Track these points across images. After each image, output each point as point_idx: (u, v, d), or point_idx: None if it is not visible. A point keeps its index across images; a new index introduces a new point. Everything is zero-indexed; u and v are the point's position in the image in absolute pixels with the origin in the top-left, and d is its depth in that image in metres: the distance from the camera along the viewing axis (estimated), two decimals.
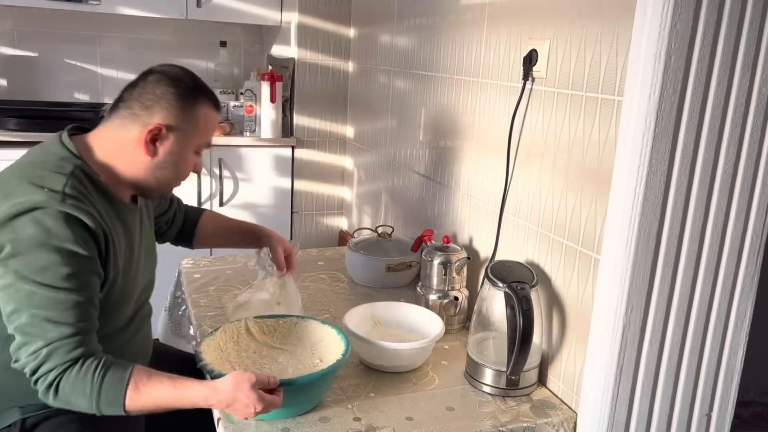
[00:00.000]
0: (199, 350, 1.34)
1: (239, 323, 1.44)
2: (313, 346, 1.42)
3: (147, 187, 1.32)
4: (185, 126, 1.26)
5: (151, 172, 1.28)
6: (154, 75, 1.27)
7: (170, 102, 1.24)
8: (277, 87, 2.79)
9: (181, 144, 1.27)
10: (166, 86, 1.25)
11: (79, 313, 1.16)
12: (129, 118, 1.25)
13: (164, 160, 1.27)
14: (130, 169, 1.28)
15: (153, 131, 1.24)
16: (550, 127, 1.46)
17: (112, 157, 1.27)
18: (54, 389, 1.14)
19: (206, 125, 1.30)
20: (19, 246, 1.12)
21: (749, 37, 1.16)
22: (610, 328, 1.26)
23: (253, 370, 1.33)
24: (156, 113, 1.24)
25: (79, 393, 1.14)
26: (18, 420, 1.26)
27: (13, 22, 3.02)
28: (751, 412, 2.61)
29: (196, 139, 1.30)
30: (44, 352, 1.13)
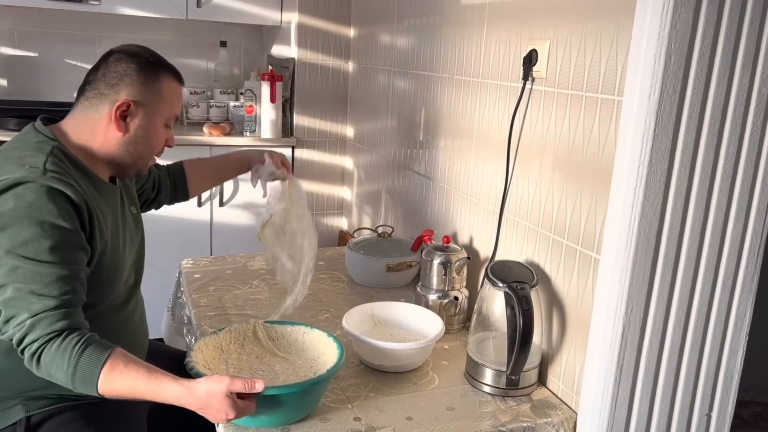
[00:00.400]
0: (194, 346, 1.34)
1: (248, 326, 1.43)
2: (313, 359, 1.39)
3: (123, 164, 1.35)
4: (151, 99, 1.32)
5: (125, 148, 1.32)
6: (114, 55, 1.32)
7: (133, 77, 1.29)
8: (277, 87, 2.79)
9: (150, 117, 1.32)
10: (127, 63, 1.30)
11: (63, 286, 1.16)
12: (97, 99, 1.29)
13: (136, 134, 1.32)
14: (104, 148, 1.31)
15: (121, 107, 1.28)
16: (550, 127, 1.46)
17: (87, 138, 1.31)
18: (36, 359, 1.15)
19: (171, 97, 1.35)
20: (2, 221, 1.15)
21: (749, 37, 1.16)
22: (610, 328, 1.26)
23: (249, 374, 1.32)
24: (122, 90, 1.29)
25: (57, 366, 1.14)
26: (23, 418, 1.27)
27: (13, 22, 3.02)
28: (751, 412, 2.61)
29: (164, 110, 1.35)
30: (28, 323, 1.14)
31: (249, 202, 2.93)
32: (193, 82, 3.30)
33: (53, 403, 1.29)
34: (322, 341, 1.40)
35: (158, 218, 1.61)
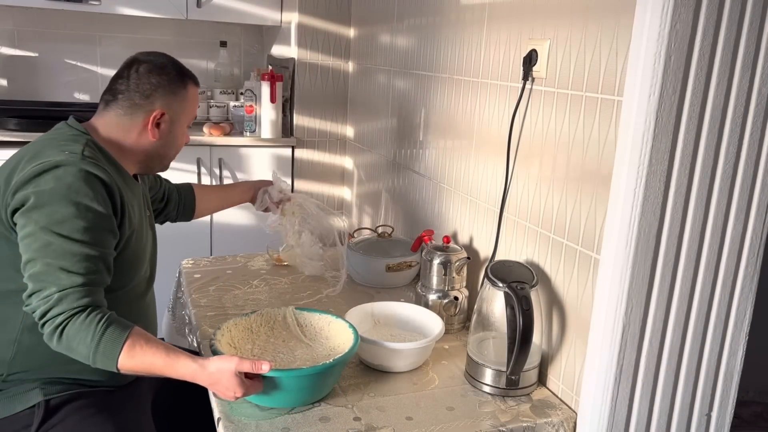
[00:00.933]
0: (222, 326, 1.41)
1: (279, 311, 1.50)
2: (333, 348, 1.43)
3: (151, 163, 1.48)
4: (180, 107, 1.45)
5: (155, 150, 1.45)
6: (144, 65, 1.42)
7: (166, 89, 1.41)
8: (277, 87, 2.80)
9: (178, 122, 1.46)
10: (159, 75, 1.41)
11: (91, 265, 1.23)
12: (131, 108, 1.40)
13: (166, 140, 1.45)
14: (135, 148, 1.43)
15: (156, 117, 1.40)
16: (550, 127, 1.46)
17: (118, 136, 1.41)
18: (59, 333, 1.19)
19: (194, 102, 1.49)
20: (41, 198, 1.22)
21: (749, 37, 1.16)
22: (610, 328, 1.26)
23: (271, 356, 1.41)
24: (156, 101, 1.40)
25: (80, 340, 1.19)
26: (41, 401, 1.32)
27: (13, 22, 3.02)
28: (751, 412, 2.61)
29: (189, 114, 1.49)
30: (55, 297, 1.19)
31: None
32: None
33: (69, 388, 1.35)
34: (344, 332, 1.43)
35: None
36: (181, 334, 1.91)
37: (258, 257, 2.15)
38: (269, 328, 1.48)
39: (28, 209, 1.22)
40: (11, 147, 2.58)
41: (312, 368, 1.27)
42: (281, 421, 1.26)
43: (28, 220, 1.22)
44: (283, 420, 1.26)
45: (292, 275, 2.00)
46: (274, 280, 1.96)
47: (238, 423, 1.25)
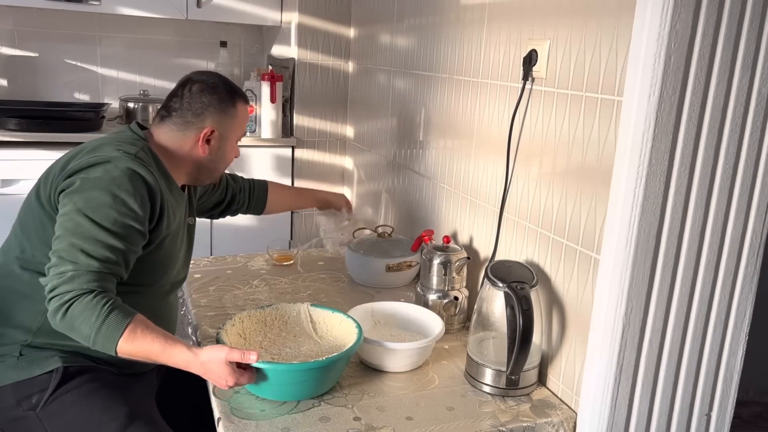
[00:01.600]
0: (234, 317, 1.45)
1: (294, 306, 1.54)
2: (338, 347, 1.43)
3: (201, 176, 1.55)
4: (229, 124, 1.52)
5: (206, 165, 1.53)
6: (196, 85, 1.49)
7: (216, 107, 1.48)
8: (277, 87, 2.79)
9: (228, 139, 1.53)
10: (210, 95, 1.48)
11: (112, 256, 1.28)
12: (184, 126, 1.48)
13: (216, 156, 1.52)
14: (187, 162, 1.50)
15: (207, 134, 1.48)
16: (550, 127, 1.46)
17: (172, 150, 1.49)
18: (65, 309, 1.23)
19: (243, 120, 1.56)
20: (85, 184, 1.30)
21: (749, 37, 1.16)
22: (610, 328, 1.26)
23: (278, 349, 1.44)
24: (207, 119, 1.48)
25: (84, 319, 1.23)
26: (60, 366, 1.36)
27: (13, 22, 3.02)
28: (751, 412, 2.61)
29: (239, 131, 1.56)
30: (69, 275, 1.24)
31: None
32: None
33: (87, 361, 1.39)
34: (351, 332, 1.44)
35: None
36: (180, 334, 1.91)
37: (258, 257, 2.15)
38: (283, 323, 1.51)
39: (72, 192, 1.30)
40: (11, 147, 2.58)
41: (301, 364, 1.31)
42: (281, 421, 1.26)
43: (68, 200, 1.29)
44: (283, 420, 1.26)
45: (292, 275, 2.00)
46: (274, 280, 1.96)
47: (238, 423, 1.25)
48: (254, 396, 1.33)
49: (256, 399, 1.32)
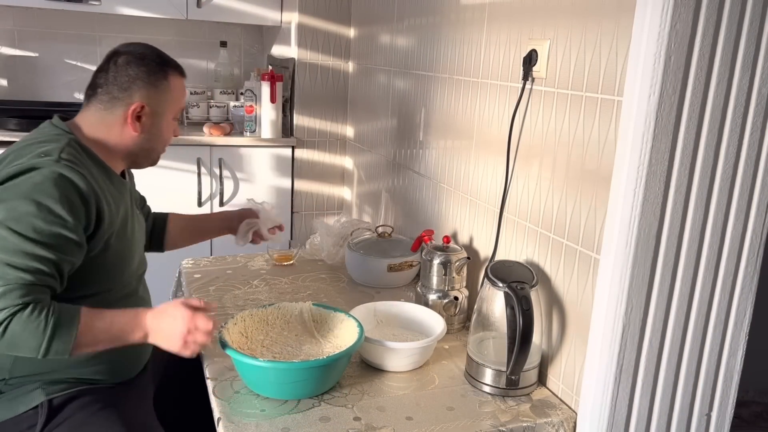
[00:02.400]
0: (236, 315, 1.45)
1: (296, 305, 1.53)
2: (338, 347, 1.43)
3: (138, 158, 1.44)
4: (162, 98, 1.39)
5: (141, 145, 1.41)
6: (122, 57, 1.37)
7: (144, 80, 1.36)
8: (277, 87, 2.79)
9: (162, 114, 1.41)
10: (137, 66, 1.36)
11: (42, 267, 1.19)
12: (111, 102, 1.36)
13: (150, 133, 1.40)
14: (120, 145, 1.39)
15: (136, 110, 1.36)
16: (550, 127, 1.46)
17: (102, 134, 1.37)
18: (2, 329, 1.15)
19: (178, 93, 1.44)
20: (6, 195, 1.21)
21: (749, 37, 1.16)
22: (610, 328, 1.26)
23: (279, 348, 1.43)
24: (134, 93, 1.36)
25: (29, 333, 1.16)
26: (44, 401, 1.31)
27: (13, 22, 3.02)
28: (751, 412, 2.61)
29: (173, 106, 1.43)
30: (0, 290, 1.15)
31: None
32: (193, 82, 3.30)
33: (72, 386, 1.34)
34: (352, 332, 1.43)
35: None
36: None
37: (258, 257, 2.15)
38: (285, 322, 1.51)
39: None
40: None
41: (302, 363, 1.31)
42: (281, 421, 1.26)
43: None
44: (283, 420, 1.26)
45: (292, 275, 2.00)
46: (274, 280, 1.96)
47: (238, 423, 1.25)
48: (254, 396, 1.33)
49: (256, 399, 1.33)
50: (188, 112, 3.12)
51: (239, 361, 1.31)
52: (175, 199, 2.79)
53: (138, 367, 1.47)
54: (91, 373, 1.36)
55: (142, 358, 1.49)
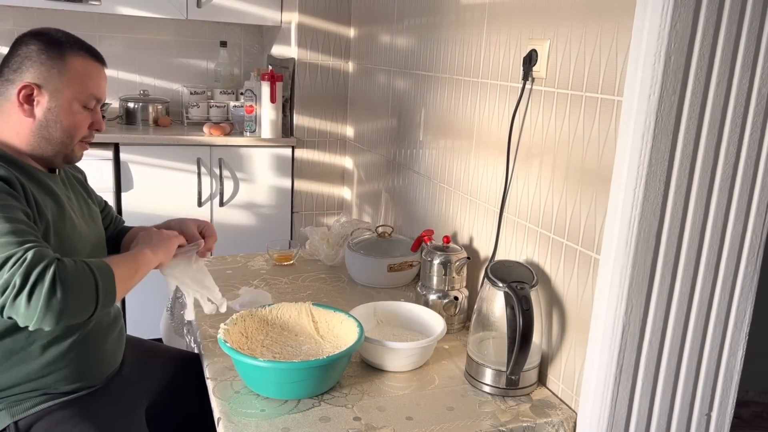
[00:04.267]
0: (237, 314, 1.45)
1: (296, 305, 1.52)
2: (338, 347, 1.43)
3: (45, 155, 1.30)
4: (57, 79, 1.25)
5: (40, 134, 1.27)
6: (21, 38, 1.27)
7: (34, 59, 1.24)
8: (277, 87, 2.80)
9: (59, 99, 1.26)
10: (28, 45, 1.25)
11: (31, 233, 1.13)
12: (4, 86, 1.25)
13: (46, 119, 1.26)
14: (22, 139, 1.27)
15: (23, 90, 1.23)
16: (550, 127, 1.46)
17: (5, 131, 1.27)
18: (60, 282, 1.07)
19: (82, 76, 1.28)
20: None
21: (749, 37, 1.16)
22: (610, 328, 1.26)
23: (280, 347, 1.43)
24: (25, 73, 1.24)
25: (82, 276, 1.11)
26: (10, 424, 1.25)
27: (14, 22, 3.02)
28: (750, 412, 2.61)
29: (75, 91, 1.28)
30: (30, 255, 1.06)
31: (249, 202, 2.93)
32: (193, 82, 3.30)
33: (39, 403, 1.27)
34: (352, 331, 1.43)
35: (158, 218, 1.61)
36: (179, 334, 1.91)
37: (258, 257, 2.15)
38: (284, 321, 1.51)
39: None
40: None
41: (302, 363, 1.30)
42: (281, 421, 1.26)
43: None
44: (283, 420, 1.26)
45: (292, 275, 2.00)
46: (274, 280, 1.96)
47: (238, 423, 1.25)
48: (254, 396, 1.33)
49: (256, 399, 1.33)
50: (188, 112, 3.12)
51: (239, 361, 1.31)
52: (175, 199, 2.79)
53: (106, 370, 1.39)
54: (54, 381, 1.28)
55: (105, 359, 1.39)
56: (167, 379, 1.59)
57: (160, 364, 1.61)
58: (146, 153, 2.74)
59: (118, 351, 1.45)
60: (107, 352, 1.40)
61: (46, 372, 1.28)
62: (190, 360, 1.65)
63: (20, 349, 1.24)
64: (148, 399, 1.51)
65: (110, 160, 2.69)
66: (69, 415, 1.28)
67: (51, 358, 1.27)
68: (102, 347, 1.37)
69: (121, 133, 2.80)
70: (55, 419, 1.27)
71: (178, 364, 1.64)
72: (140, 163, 2.74)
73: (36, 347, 1.26)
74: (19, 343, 1.24)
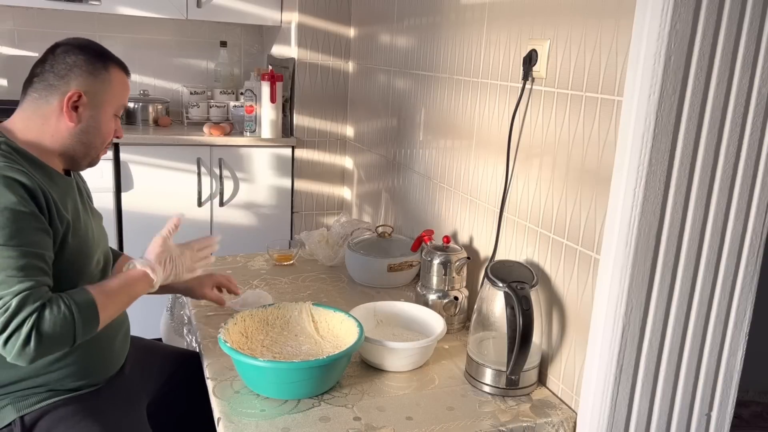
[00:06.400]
0: (236, 314, 1.45)
1: (296, 305, 1.53)
2: (338, 347, 1.43)
3: (76, 156, 1.36)
4: (100, 89, 1.33)
5: (77, 138, 1.34)
6: (61, 47, 1.32)
7: (83, 68, 1.31)
8: (277, 87, 2.80)
9: (100, 107, 1.34)
10: (75, 55, 1.31)
11: (35, 265, 1.18)
12: (46, 90, 1.30)
13: (87, 125, 1.34)
14: (56, 140, 1.32)
15: (72, 97, 1.30)
16: (550, 127, 1.46)
17: (36, 132, 1.31)
18: (35, 334, 1.13)
19: (119, 87, 1.37)
20: None
21: (749, 37, 1.16)
22: (610, 328, 1.26)
23: (279, 348, 1.44)
24: (72, 80, 1.30)
25: (60, 327, 1.16)
26: (16, 419, 1.27)
27: (14, 22, 3.02)
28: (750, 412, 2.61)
29: (113, 100, 1.36)
30: (14, 303, 1.13)
31: (249, 202, 2.93)
32: (193, 82, 3.30)
33: (44, 399, 1.29)
34: (352, 332, 1.43)
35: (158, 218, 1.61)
36: (179, 334, 1.91)
37: (258, 257, 2.15)
38: (285, 322, 1.51)
39: None
40: None
41: (302, 363, 1.30)
42: (281, 421, 1.26)
43: None
44: (283, 420, 1.26)
45: (292, 275, 2.00)
46: (274, 280, 1.96)
47: (238, 423, 1.25)
48: (254, 396, 1.33)
49: (256, 399, 1.33)
50: (188, 112, 3.12)
51: (239, 361, 1.32)
52: (175, 199, 2.79)
53: (110, 369, 1.41)
54: (60, 378, 1.30)
55: (111, 358, 1.41)
56: (166, 377, 1.60)
57: (159, 362, 1.61)
58: (146, 153, 2.74)
59: (123, 351, 1.46)
60: (113, 352, 1.41)
61: (54, 368, 1.29)
62: (189, 358, 1.65)
63: None
64: (148, 396, 1.52)
65: (110, 160, 2.69)
66: (73, 412, 1.30)
67: (59, 354, 1.28)
68: (109, 346, 1.39)
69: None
70: (60, 415, 1.29)
71: (177, 362, 1.64)
72: (140, 163, 2.74)
73: None
74: None
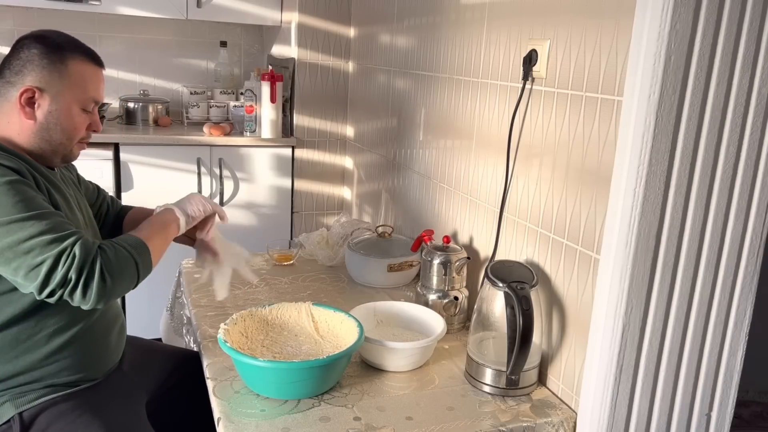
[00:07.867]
0: (236, 314, 1.44)
1: (296, 305, 1.53)
2: (338, 347, 1.43)
3: (44, 153, 1.32)
4: (58, 83, 1.28)
5: (40, 136, 1.30)
6: (21, 41, 1.29)
7: (35, 63, 1.26)
8: (277, 87, 2.80)
9: (59, 102, 1.29)
10: (30, 49, 1.27)
11: (63, 222, 1.19)
12: (5, 87, 1.27)
13: (47, 122, 1.29)
14: (23, 138, 1.30)
15: (25, 94, 1.26)
16: (550, 127, 1.46)
17: (6, 129, 1.29)
18: (108, 273, 1.17)
19: (81, 80, 1.31)
20: None
21: (749, 37, 1.16)
22: (610, 328, 1.26)
23: (279, 348, 1.43)
24: (26, 76, 1.26)
25: (123, 264, 1.20)
26: (15, 415, 1.26)
27: (14, 22, 3.02)
28: (750, 412, 2.61)
29: (75, 94, 1.31)
30: (77, 250, 1.14)
31: (249, 202, 2.93)
32: (193, 82, 3.30)
33: (43, 395, 1.29)
34: (352, 332, 1.43)
35: None
36: (179, 333, 1.91)
37: (258, 257, 2.15)
38: (285, 321, 1.51)
39: None
40: None
41: (302, 363, 1.30)
42: (281, 421, 1.26)
43: None
44: (283, 420, 1.26)
45: (292, 275, 2.00)
46: (274, 280, 1.96)
47: (238, 423, 1.25)
48: (254, 396, 1.33)
49: (256, 399, 1.33)
50: (188, 112, 3.13)
51: (239, 361, 1.32)
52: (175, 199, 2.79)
53: (107, 364, 1.40)
54: (57, 370, 1.30)
55: (108, 352, 1.40)
56: (166, 375, 1.60)
57: (158, 361, 1.61)
58: (146, 153, 2.75)
59: (119, 346, 1.47)
60: (109, 345, 1.41)
61: (51, 361, 1.30)
62: (188, 357, 1.65)
63: (27, 338, 1.27)
64: (147, 394, 1.53)
65: (110, 160, 2.69)
66: (72, 407, 1.30)
67: (56, 347, 1.29)
68: (105, 339, 1.39)
69: (121, 133, 2.80)
70: (59, 411, 1.29)
71: (177, 361, 1.64)
72: (140, 163, 2.74)
73: (42, 336, 1.28)
74: (26, 332, 1.27)
